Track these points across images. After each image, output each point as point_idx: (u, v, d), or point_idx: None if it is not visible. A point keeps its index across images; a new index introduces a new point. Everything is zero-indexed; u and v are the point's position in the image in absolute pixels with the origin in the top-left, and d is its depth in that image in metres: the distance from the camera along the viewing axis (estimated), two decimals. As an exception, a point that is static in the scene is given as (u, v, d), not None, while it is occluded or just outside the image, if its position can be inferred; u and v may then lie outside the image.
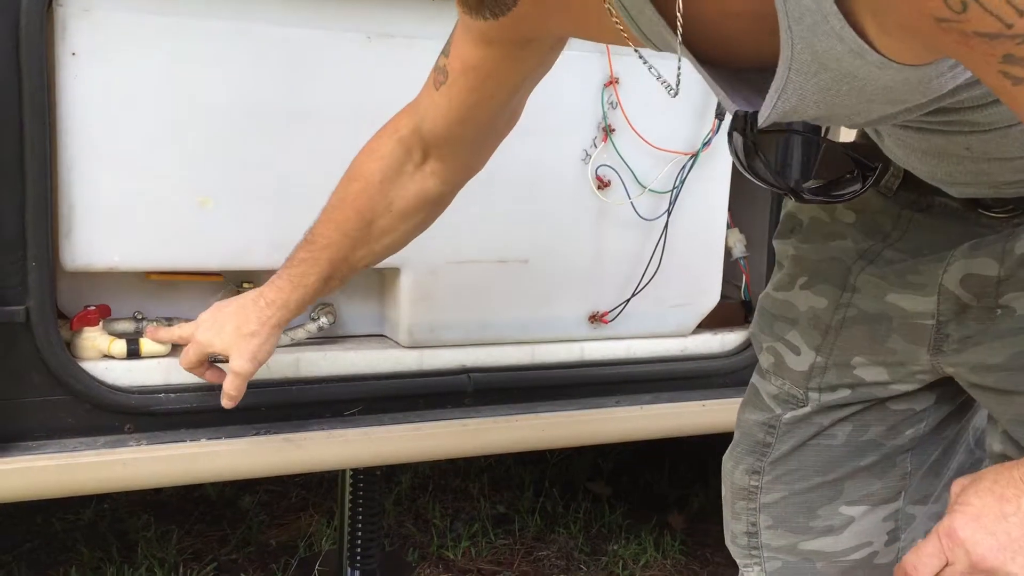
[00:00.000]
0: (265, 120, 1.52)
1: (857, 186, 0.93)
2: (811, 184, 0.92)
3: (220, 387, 1.52)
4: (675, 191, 1.79)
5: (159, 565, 2.13)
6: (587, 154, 1.73)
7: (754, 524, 1.11)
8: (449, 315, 1.70)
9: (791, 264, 1.11)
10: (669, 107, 1.71)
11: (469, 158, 1.20)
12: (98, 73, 1.41)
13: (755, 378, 1.17)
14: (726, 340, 1.91)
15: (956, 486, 0.83)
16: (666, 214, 1.79)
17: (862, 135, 1.03)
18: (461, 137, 1.14)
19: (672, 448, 2.80)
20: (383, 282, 1.73)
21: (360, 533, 2.04)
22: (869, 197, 1.03)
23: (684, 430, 1.87)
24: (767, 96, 0.74)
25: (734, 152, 0.87)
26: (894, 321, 1.00)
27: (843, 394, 1.05)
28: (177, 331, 1.39)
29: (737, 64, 0.78)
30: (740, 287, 1.97)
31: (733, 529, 1.17)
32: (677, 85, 0.81)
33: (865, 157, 0.93)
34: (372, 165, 1.21)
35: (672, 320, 1.87)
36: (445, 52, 1.07)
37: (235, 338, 1.30)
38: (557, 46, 1.03)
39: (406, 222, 1.24)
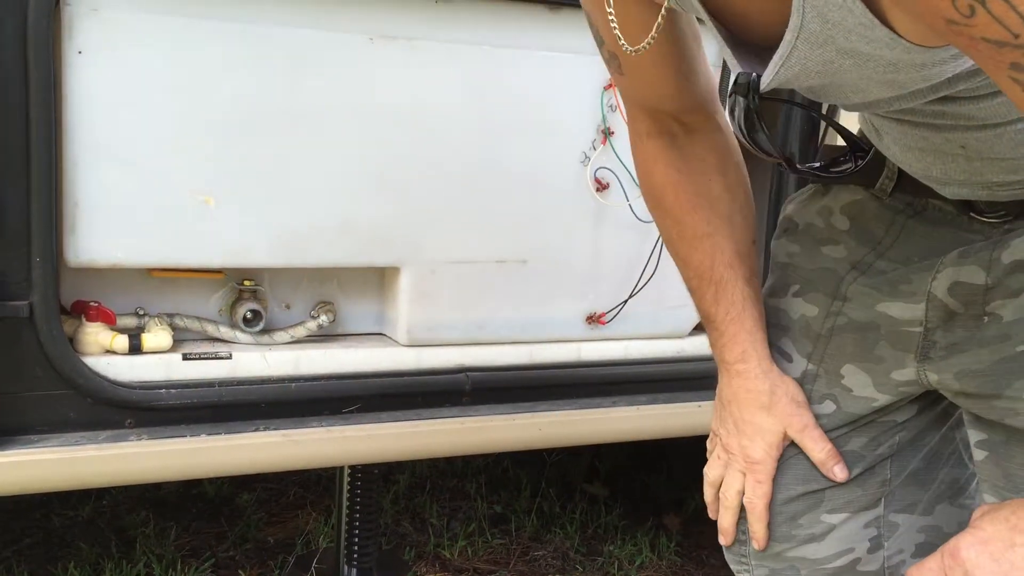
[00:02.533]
0: (268, 120, 1.54)
1: (849, 166, 0.93)
2: (799, 162, 0.93)
3: (220, 382, 1.54)
4: (673, 194, 1.81)
5: (157, 561, 2.14)
6: (586, 156, 1.75)
7: (743, 532, 1.12)
8: (448, 314, 1.72)
9: (783, 272, 1.11)
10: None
11: (695, 91, 1.06)
12: (104, 72, 1.42)
13: None
14: (722, 342, 1.92)
15: (977, 512, 0.83)
16: (664, 216, 1.81)
17: (861, 136, 1.04)
18: (684, 99, 1.04)
19: (668, 450, 2.81)
20: (383, 281, 1.75)
21: (357, 531, 2.06)
22: (864, 201, 1.03)
23: (681, 431, 1.89)
24: (771, 61, 0.74)
25: (733, 117, 0.88)
26: (883, 329, 1.01)
27: (828, 408, 1.05)
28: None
29: (747, 36, 0.79)
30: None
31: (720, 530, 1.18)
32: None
33: (836, 156, 0.93)
34: (659, 179, 1.09)
35: (669, 321, 1.88)
36: (599, 43, 1.00)
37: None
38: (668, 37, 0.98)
39: (726, 176, 1.08)
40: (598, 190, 1.76)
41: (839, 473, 1.04)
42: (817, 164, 0.97)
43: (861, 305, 1.02)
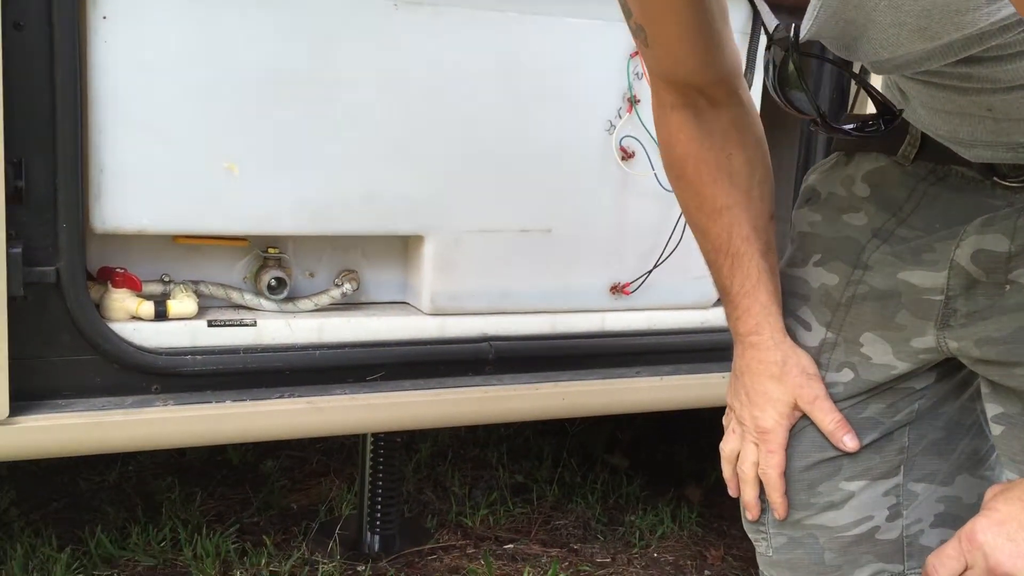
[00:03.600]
0: (292, 86, 1.53)
1: (879, 126, 0.92)
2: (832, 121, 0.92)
3: (245, 349, 1.55)
4: (699, 163, 1.79)
5: (183, 526, 2.17)
6: (612, 125, 1.74)
7: (762, 501, 1.12)
8: (471, 283, 1.72)
9: (805, 241, 1.11)
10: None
11: (720, 66, 1.05)
12: (129, 37, 1.42)
13: None
14: (747, 313, 1.91)
15: (989, 492, 0.83)
16: (689, 186, 1.79)
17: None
18: (702, 70, 1.03)
19: (689, 421, 2.81)
20: (406, 250, 1.75)
21: (380, 499, 2.08)
22: (886, 168, 1.03)
23: (704, 402, 1.88)
24: (808, 8, 0.73)
25: (768, 73, 0.87)
26: (903, 297, 1.01)
27: (847, 376, 1.05)
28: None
29: None
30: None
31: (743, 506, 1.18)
32: None
33: (862, 121, 0.93)
34: (683, 149, 1.08)
35: (693, 292, 1.87)
36: (627, 15, 1.00)
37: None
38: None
39: (746, 150, 1.08)
40: (623, 159, 1.75)
41: (849, 443, 1.04)
42: (849, 125, 0.96)
43: (882, 273, 1.02)
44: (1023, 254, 0.91)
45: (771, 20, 0.79)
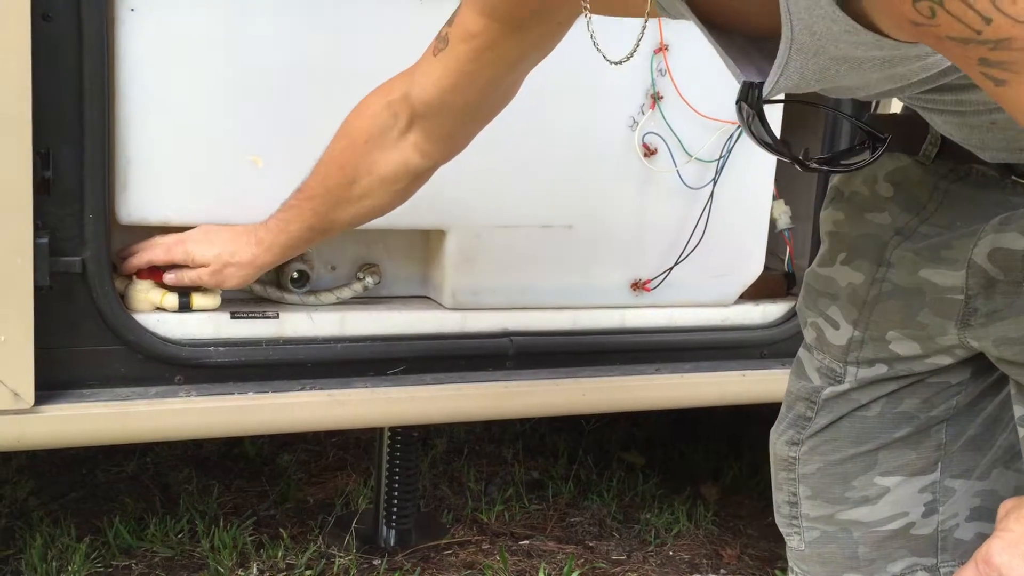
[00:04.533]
0: (317, 81, 1.54)
1: (866, 155, 0.93)
2: (818, 154, 0.93)
3: (267, 341, 1.55)
4: (722, 160, 1.79)
5: (200, 518, 2.18)
6: (634, 121, 1.73)
7: (794, 494, 1.12)
8: (492, 279, 1.72)
9: (831, 241, 1.12)
10: (718, 76, 1.70)
11: (454, 131, 1.22)
12: (156, 30, 1.43)
13: (801, 351, 1.18)
14: (768, 311, 1.91)
15: (1002, 509, 0.83)
16: (712, 183, 1.79)
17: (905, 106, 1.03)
18: (449, 105, 1.15)
19: (706, 420, 2.81)
20: (428, 244, 1.75)
21: (396, 494, 2.08)
22: (907, 168, 1.03)
23: (724, 400, 1.88)
24: (771, 71, 0.75)
25: (742, 120, 0.88)
26: (926, 296, 1.01)
27: (880, 370, 1.06)
28: (159, 239, 1.48)
29: (750, 32, 0.79)
30: (784, 259, 1.97)
31: (776, 499, 1.18)
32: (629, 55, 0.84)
33: (876, 128, 0.93)
34: (360, 124, 1.27)
35: (714, 290, 1.87)
36: (449, 22, 1.09)
37: (225, 261, 1.43)
38: (560, 29, 1.03)
39: (386, 188, 1.28)
40: (646, 155, 1.75)
41: None
42: (831, 157, 0.96)
43: (905, 271, 1.03)
44: None
45: (736, 74, 0.80)
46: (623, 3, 0.86)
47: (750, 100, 0.80)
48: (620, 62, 0.88)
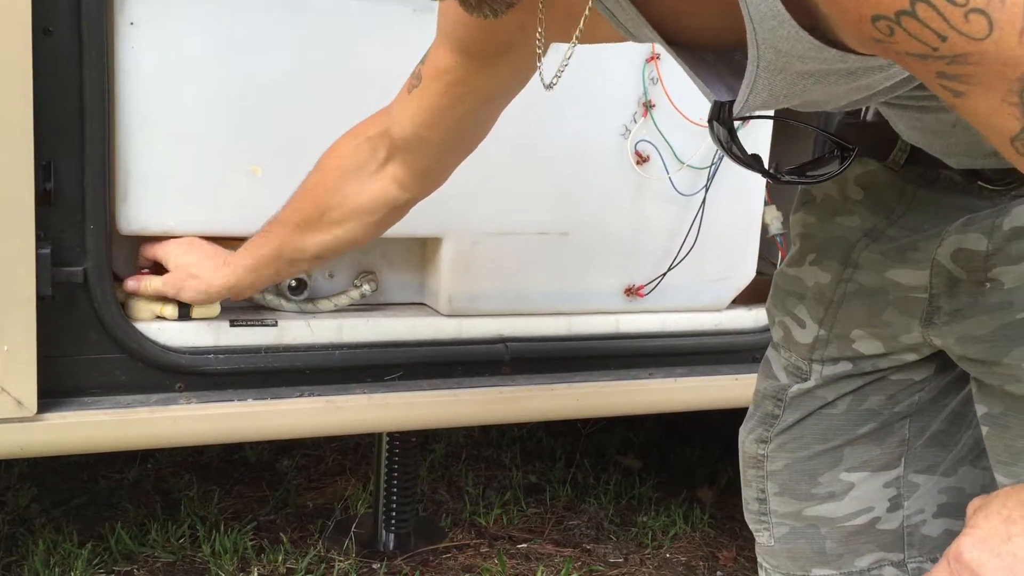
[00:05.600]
0: (314, 91, 1.56)
1: (835, 166, 0.95)
2: (788, 166, 0.95)
3: (266, 349, 1.57)
4: (713, 167, 1.81)
5: (201, 523, 2.20)
6: (627, 129, 1.76)
7: (763, 491, 1.14)
8: (488, 285, 1.74)
9: (802, 242, 1.14)
10: (709, 84, 1.73)
11: (432, 165, 1.24)
12: (155, 43, 1.45)
13: (769, 350, 1.21)
14: (760, 316, 1.93)
15: (970, 507, 0.85)
16: (704, 190, 1.82)
17: (875, 113, 1.06)
18: (427, 141, 1.18)
19: (702, 423, 2.83)
20: (425, 252, 1.77)
21: (395, 498, 2.10)
22: (877, 172, 1.05)
23: (717, 403, 1.90)
24: (740, 91, 0.77)
25: (714, 138, 0.90)
26: (891, 295, 1.03)
27: (844, 367, 1.08)
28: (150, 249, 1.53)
29: (717, 45, 0.81)
30: (776, 264, 1.99)
31: (745, 496, 1.21)
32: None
33: (844, 139, 0.95)
34: (333, 162, 1.29)
35: (707, 295, 1.90)
36: (422, 60, 1.11)
37: (189, 273, 1.48)
38: (529, 63, 1.05)
39: (360, 219, 1.30)
40: (638, 163, 1.77)
41: None
42: (800, 168, 0.98)
43: (871, 272, 1.05)
44: (1000, 253, 0.94)
45: (708, 94, 0.82)
46: (592, 34, 0.88)
47: (721, 118, 0.82)
48: (551, 86, 0.91)
